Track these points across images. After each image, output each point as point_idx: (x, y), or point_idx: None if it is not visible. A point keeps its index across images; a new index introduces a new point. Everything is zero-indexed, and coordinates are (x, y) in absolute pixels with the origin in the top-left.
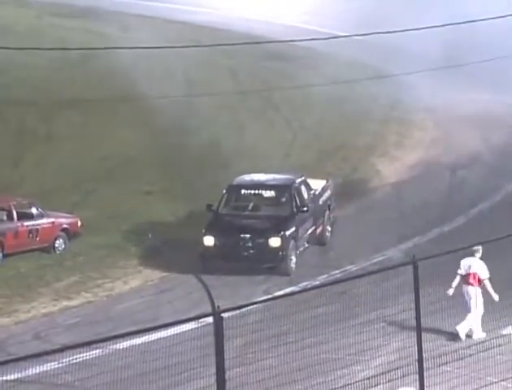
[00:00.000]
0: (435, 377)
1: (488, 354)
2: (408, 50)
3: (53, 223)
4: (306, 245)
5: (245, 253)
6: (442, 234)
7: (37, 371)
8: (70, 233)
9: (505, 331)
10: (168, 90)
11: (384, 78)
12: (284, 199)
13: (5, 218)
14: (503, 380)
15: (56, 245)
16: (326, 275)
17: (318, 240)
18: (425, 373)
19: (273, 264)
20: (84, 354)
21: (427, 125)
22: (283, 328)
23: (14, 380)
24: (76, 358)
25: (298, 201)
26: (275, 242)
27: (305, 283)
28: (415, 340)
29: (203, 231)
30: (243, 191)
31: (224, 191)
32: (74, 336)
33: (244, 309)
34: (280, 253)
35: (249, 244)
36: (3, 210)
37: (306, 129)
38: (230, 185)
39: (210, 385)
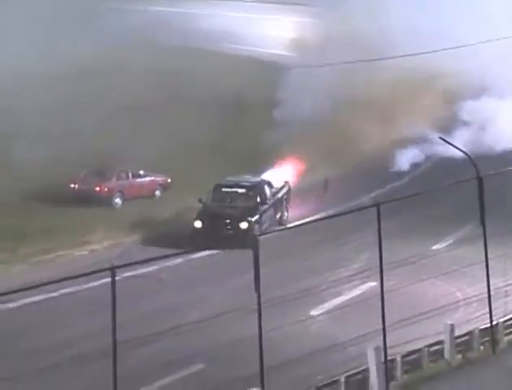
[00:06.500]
0: (390, 276)
1: (425, 263)
2: None
3: (153, 180)
4: (268, 226)
5: (225, 233)
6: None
7: (144, 271)
8: (164, 187)
9: (434, 247)
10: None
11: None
12: (251, 195)
13: (125, 176)
14: (432, 278)
15: (156, 194)
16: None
17: (279, 223)
18: (384, 274)
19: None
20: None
21: None
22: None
23: (130, 276)
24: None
25: (262, 197)
26: (244, 225)
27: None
28: (378, 254)
29: (194, 217)
30: (224, 189)
31: (212, 189)
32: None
33: None
34: (248, 233)
35: (228, 227)
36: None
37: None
38: (215, 184)
39: None
